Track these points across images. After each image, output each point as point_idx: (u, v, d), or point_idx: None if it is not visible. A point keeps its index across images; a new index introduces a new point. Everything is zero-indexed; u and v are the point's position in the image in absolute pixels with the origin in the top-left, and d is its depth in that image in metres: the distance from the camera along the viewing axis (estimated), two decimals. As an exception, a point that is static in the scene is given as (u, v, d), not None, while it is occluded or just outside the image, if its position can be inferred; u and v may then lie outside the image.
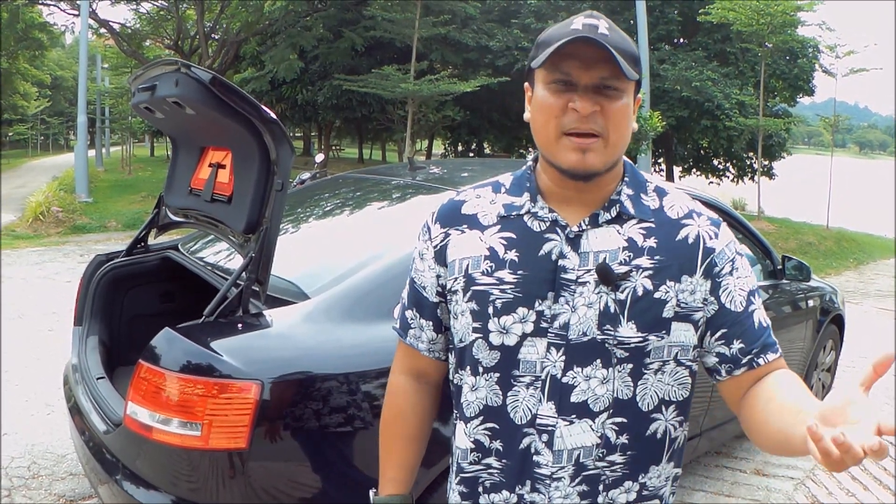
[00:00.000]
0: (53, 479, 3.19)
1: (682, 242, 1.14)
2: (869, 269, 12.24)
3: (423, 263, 1.26)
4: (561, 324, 1.11)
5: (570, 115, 1.07)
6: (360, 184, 3.25)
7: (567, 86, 1.07)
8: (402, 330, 1.33)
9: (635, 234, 1.13)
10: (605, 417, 1.13)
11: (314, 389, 1.87)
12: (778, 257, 3.86)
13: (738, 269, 1.15)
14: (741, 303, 1.14)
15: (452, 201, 1.25)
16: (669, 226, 1.15)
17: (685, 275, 1.12)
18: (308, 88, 22.13)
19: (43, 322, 5.64)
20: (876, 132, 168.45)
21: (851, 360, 5.72)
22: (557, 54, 1.05)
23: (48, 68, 42.82)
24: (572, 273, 1.12)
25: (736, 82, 19.51)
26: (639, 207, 1.15)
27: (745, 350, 1.14)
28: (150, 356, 1.88)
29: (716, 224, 1.17)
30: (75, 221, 11.62)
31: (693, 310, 1.13)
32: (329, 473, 1.91)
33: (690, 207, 1.18)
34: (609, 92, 1.07)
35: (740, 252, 1.18)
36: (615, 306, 1.10)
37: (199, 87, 1.98)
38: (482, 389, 1.18)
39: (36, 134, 48.41)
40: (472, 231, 1.19)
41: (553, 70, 1.08)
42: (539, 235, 1.14)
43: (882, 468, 3.78)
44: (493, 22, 22.07)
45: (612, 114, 1.07)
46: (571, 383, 1.12)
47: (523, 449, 1.15)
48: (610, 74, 1.06)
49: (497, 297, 1.14)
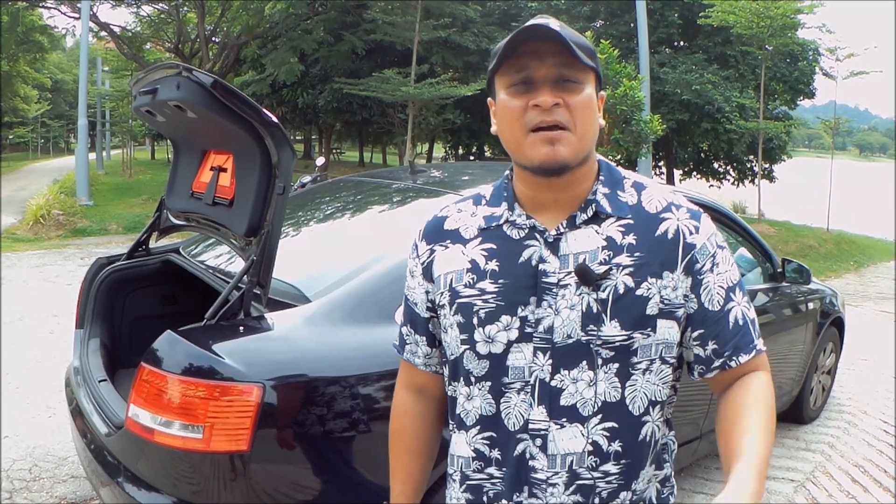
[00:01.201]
0: (55, 482, 3.19)
1: (662, 238, 1.13)
2: (869, 271, 12.23)
3: (413, 280, 1.28)
4: (545, 327, 1.12)
5: (533, 112, 1.07)
6: (361, 187, 3.26)
7: (527, 86, 1.08)
8: (400, 346, 1.35)
9: (614, 231, 1.13)
10: (596, 422, 1.12)
11: (315, 392, 1.88)
12: (778, 260, 3.86)
13: (719, 265, 1.15)
14: (719, 301, 1.14)
15: (436, 218, 1.27)
16: (648, 221, 1.14)
17: (666, 271, 1.12)
18: (309, 92, 22.15)
19: (43, 325, 5.64)
20: (876, 135, 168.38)
21: (852, 362, 5.73)
22: (512, 56, 1.07)
23: (49, 71, 42.84)
24: (553, 276, 1.12)
25: (736, 85, 19.53)
26: (615, 204, 1.15)
27: (718, 352, 1.15)
28: (152, 359, 1.88)
29: (695, 217, 1.16)
30: (76, 224, 11.61)
31: (676, 306, 1.13)
32: (330, 476, 1.92)
33: (669, 200, 1.17)
34: (569, 85, 1.07)
35: (721, 244, 1.17)
36: (597, 306, 1.10)
37: (200, 90, 1.99)
38: (476, 399, 1.19)
39: (36, 137, 48.40)
40: (455, 245, 1.21)
41: (510, 71, 1.09)
42: (518, 243, 1.15)
43: (882, 470, 3.78)
44: (493, 25, 22.12)
45: (576, 105, 1.08)
46: (560, 386, 1.12)
47: (518, 455, 1.15)
48: (566, 62, 1.06)
49: (480, 308, 1.15)
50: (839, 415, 4.63)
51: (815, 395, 4.47)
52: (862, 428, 4.40)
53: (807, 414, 4.38)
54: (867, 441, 4.19)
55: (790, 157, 22.97)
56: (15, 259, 8.65)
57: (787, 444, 4.10)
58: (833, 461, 3.88)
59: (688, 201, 1.19)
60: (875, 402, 4.86)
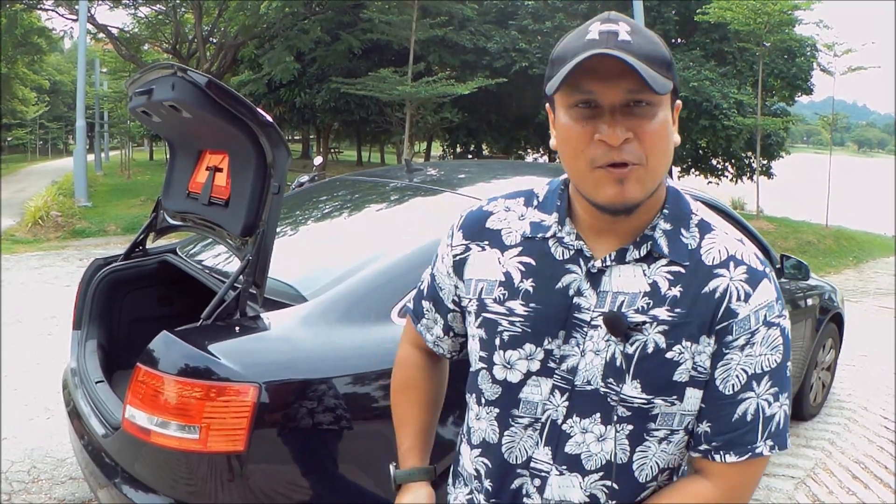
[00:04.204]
0: (53, 483, 3.18)
1: (709, 296, 0.98)
2: (868, 267, 12.24)
3: (443, 266, 1.18)
4: (569, 367, 1.03)
5: (599, 147, 0.92)
6: (357, 186, 3.25)
7: (591, 108, 0.93)
8: (416, 315, 1.27)
9: (661, 277, 0.99)
10: (597, 478, 1.04)
11: (312, 392, 1.87)
12: (777, 256, 3.86)
13: (755, 345, 0.98)
14: (734, 386, 0.99)
15: (481, 210, 1.15)
16: (701, 273, 0.99)
17: (704, 335, 0.98)
18: (306, 91, 22.14)
19: (42, 326, 5.63)
20: (874, 130, 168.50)
21: (851, 358, 5.73)
22: (573, 72, 0.90)
23: (47, 73, 42.77)
24: (586, 314, 1.01)
25: (734, 82, 19.53)
26: (674, 246, 1.00)
27: (708, 436, 1.02)
28: (148, 359, 1.88)
29: (753, 280, 0.99)
30: (74, 226, 11.61)
31: (707, 375, 1.00)
32: (327, 476, 1.91)
33: (731, 252, 1.00)
34: (640, 110, 0.92)
35: (773, 321, 0.99)
36: (622, 359, 0.99)
37: (195, 90, 1.98)
38: (483, 421, 1.12)
39: (35, 138, 48.43)
40: (493, 250, 1.10)
41: (572, 91, 0.93)
42: (560, 265, 1.04)
43: (883, 466, 3.78)
44: (490, 23, 22.10)
45: (648, 137, 0.92)
46: (569, 432, 1.04)
47: (514, 489, 1.09)
48: (638, 87, 0.90)
49: (505, 329, 1.06)
50: (839, 411, 4.63)
51: (815, 392, 4.47)
52: (862, 424, 4.40)
53: (807, 410, 4.37)
54: (867, 437, 4.19)
55: (788, 153, 22.97)
56: (14, 261, 8.64)
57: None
58: (833, 457, 3.88)
59: (755, 257, 1.02)
60: (875, 398, 4.86)
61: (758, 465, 1.03)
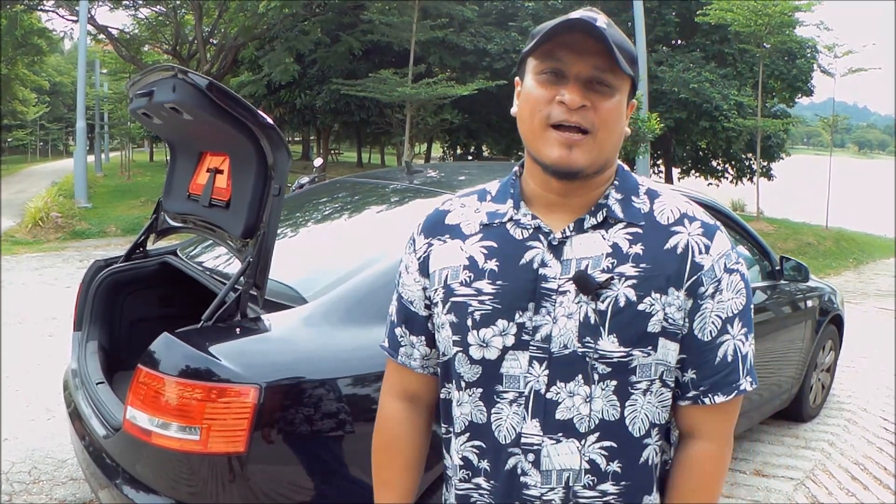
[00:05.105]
0: (54, 484, 3.19)
1: (671, 252, 1.06)
2: (868, 268, 12.24)
3: (408, 277, 1.21)
4: (543, 336, 1.06)
5: (558, 107, 1.01)
6: (357, 188, 3.26)
7: (558, 77, 1.02)
8: (393, 349, 1.25)
9: (620, 239, 1.06)
10: (594, 440, 1.06)
11: (312, 393, 1.88)
12: (776, 258, 3.86)
13: (723, 291, 1.07)
14: (711, 332, 1.07)
15: (437, 211, 1.21)
16: (658, 231, 1.07)
17: (672, 287, 1.05)
18: (306, 92, 22.15)
19: (43, 327, 5.64)
20: (875, 132, 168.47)
21: (851, 360, 5.73)
22: (551, 42, 1.01)
23: (47, 74, 42.77)
24: (553, 282, 1.06)
25: (734, 83, 19.54)
26: (628, 211, 1.08)
27: (694, 382, 1.09)
28: (149, 361, 1.88)
29: (708, 233, 1.08)
30: (74, 227, 11.62)
31: (679, 327, 1.06)
32: (327, 477, 1.92)
33: (682, 211, 1.10)
34: (602, 88, 1.02)
35: (732, 267, 1.08)
36: (595, 317, 1.04)
37: (195, 92, 1.99)
38: (466, 405, 1.13)
39: (35, 139, 48.42)
40: (454, 241, 1.15)
41: (544, 58, 1.03)
42: (521, 244, 1.09)
43: (882, 467, 3.78)
44: (490, 25, 22.11)
45: (604, 111, 1.02)
46: (556, 399, 1.06)
47: (510, 469, 1.09)
48: (604, 65, 1.01)
49: (476, 309, 1.09)
50: (839, 412, 4.63)
51: (815, 393, 4.47)
52: (862, 426, 4.41)
53: (806, 412, 4.38)
54: (867, 439, 4.19)
55: (789, 154, 22.99)
56: (14, 262, 8.65)
57: (786, 442, 4.10)
58: (833, 459, 3.88)
59: (703, 213, 1.12)
60: (875, 400, 4.86)
61: (737, 403, 1.12)
